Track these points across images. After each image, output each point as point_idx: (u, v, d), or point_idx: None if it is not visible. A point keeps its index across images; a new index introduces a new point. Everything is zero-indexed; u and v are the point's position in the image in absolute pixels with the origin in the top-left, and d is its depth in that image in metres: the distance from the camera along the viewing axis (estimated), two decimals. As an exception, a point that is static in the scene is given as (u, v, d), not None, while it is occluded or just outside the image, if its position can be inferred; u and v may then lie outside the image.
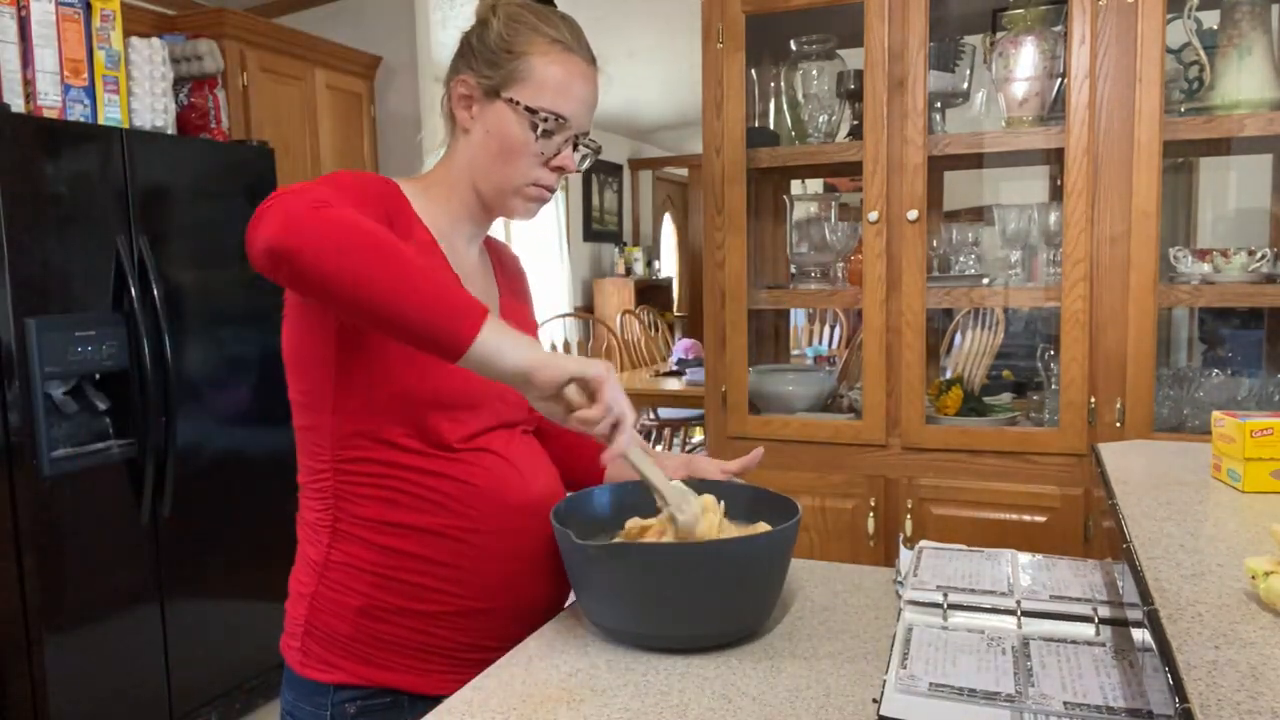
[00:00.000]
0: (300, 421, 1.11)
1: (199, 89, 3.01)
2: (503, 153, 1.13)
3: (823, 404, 2.33)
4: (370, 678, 1.08)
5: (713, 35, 2.16)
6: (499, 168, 1.13)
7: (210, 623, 2.75)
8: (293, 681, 1.12)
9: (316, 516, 1.11)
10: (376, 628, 1.08)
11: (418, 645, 1.09)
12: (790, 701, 0.90)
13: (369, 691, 1.08)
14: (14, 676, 2.30)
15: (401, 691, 1.08)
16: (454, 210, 1.17)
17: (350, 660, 1.08)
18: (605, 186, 7.98)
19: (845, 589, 1.22)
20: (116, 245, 2.46)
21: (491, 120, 1.13)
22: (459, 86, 1.15)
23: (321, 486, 1.10)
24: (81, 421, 2.41)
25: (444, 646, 1.09)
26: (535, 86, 1.11)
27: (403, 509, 1.07)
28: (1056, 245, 2.04)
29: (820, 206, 2.33)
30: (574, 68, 1.14)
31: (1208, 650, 0.68)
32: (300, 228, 0.89)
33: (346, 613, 1.08)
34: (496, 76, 1.12)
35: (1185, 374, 2.05)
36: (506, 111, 1.12)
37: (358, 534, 1.08)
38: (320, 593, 1.09)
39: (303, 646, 1.10)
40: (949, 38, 2.18)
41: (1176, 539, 0.95)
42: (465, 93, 1.14)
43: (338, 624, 1.08)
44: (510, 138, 1.12)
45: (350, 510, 1.08)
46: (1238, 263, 1.88)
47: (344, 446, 1.07)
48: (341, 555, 1.09)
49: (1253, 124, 1.83)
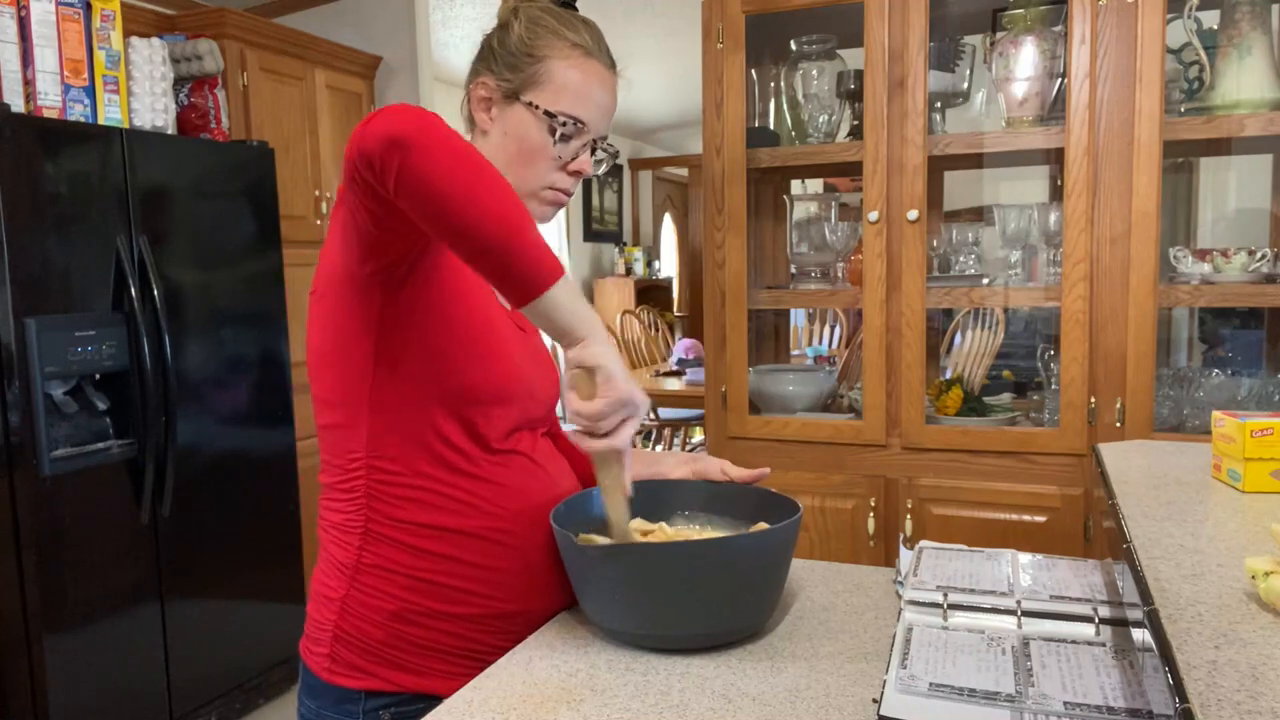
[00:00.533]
0: (328, 420, 1.08)
1: (199, 89, 3.01)
2: (520, 155, 1.13)
3: (823, 404, 2.33)
4: (404, 684, 1.07)
5: (713, 35, 2.16)
6: (516, 170, 1.13)
7: (210, 622, 2.75)
8: (316, 689, 1.09)
9: (345, 518, 1.08)
10: (411, 632, 1.06)
11: (452, 649, 1.07)
12: (790, 702, 0.90)
13: (403, 698, 1.07)
14: (14, 676, 2.30)
15: (436, 696, 1.05)
16: None
17: (383, 666, 1.06)
18: (605, 186, 7.98)
19: (845, 589, 1.22)
20: (116, 245, 2.46)
21: (510, 123, 1.13)
22: (478, 89, 1.15)
23: (352, 486, 1.07)
24: (81, 421, 2.41)
25: (479, 650, 1.08)
26: (554, 90, 1.12)
27: (436, 510, 1.06)
28: (1056, 245, 2.04)
29: (820, 206, 2.33)
30: (593, 73, 1.14)
31: (1208, 650, 0.68)
32: (425, 125, 0.88)
33: (380, 617, 1.06)
34: (516, 79, 1.12)
35: (1185, 374, 2.05)
36: (525, 114, 1.12)
37: (391, 535, 1.06)
38: (351, 596, 1.07)
39: (331, 652, 1.08)
40: (949, 38, 2.18)
41: (1176, 539, 0.95)
42: (485, 95, 1.14)
43: (370, 629, 1.06)
44: (528, 141, 1.12)
45: (383, 511, 1.06)
46: (1238, 263, 1.88)
47: (379, 444, 1.05)
48: (374, 558, 1.06)
49: (1253, 124, 1.83)
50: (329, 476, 1.10)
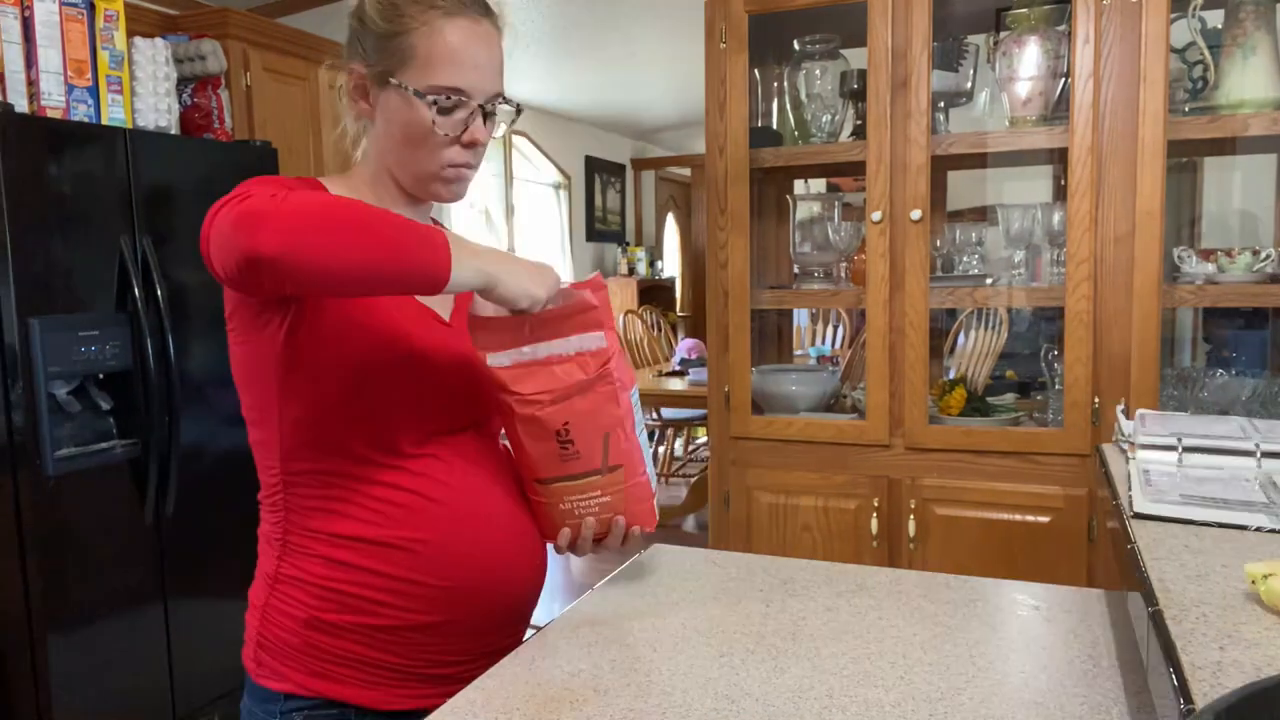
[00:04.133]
0: (252, 437, 1.10)
1: (202, 89, 3.02)
2: (407, 140, 1.06)
3: (826, 404, 2.32)
4: (317, 689, 1.06)
5: (716, 35, 2.16)
6: (408, 155, 1.08)
7: (213, 622, 2.75)
8: (249, 687, 1.12)
9: (269, 529, 1.10)
10: (323, 640, 1.05)
11: (365, 659, 1.06)
12: (793, 702, 0.90)
13: (316, 703, 1.06)
14: (17, 675, 2.30)
15: (349, 705, 1.06)
16: (382, 203, 1.11)
17: (298, 672, 1.06)
18: (608, 187, 7.98)
19: (849, 589, 1.21)
20: (120, 245, 2.46)
21: (388, 109, 1.07)
22: (351, 77, 1.09)
23: (274, 500, 1.09)
24: (85, 421, 2.41)
25: (393, 661, 1.06)
26: (421, 65, 1.04)
27: (350, 520, 1.04)
28: (1060, 245, 2.04)
29: (823, 206, 2.33)
30: (460, 31, 1.04)
31: (1212, 651, 0.68)
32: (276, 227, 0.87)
33: (294, 625, 1.06)
34: (382, 61, 1.05)
35: (1189, 374, 2.05)
36: (398, 98, 1.05)
37: (306, 546, 1.06)
38: (270, 604, 1.08)
39: (255, 656, 1.10)
40: (952, 37, 2.18)
41: (1180, 539, 0.95)
42: (358, 82, 1.09)
43: (286, 636, 1.07)
44: (410, 125, 1.05)
45: (299, 523, 1.07)
46: (1242, 263, 1.87)
47: (291, 459, 1.06)
48: (290, 568, 1.07)
49: (1257, 123, 1.83)
50: (261, 491, 1.12)
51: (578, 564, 4.22)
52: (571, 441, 1.04)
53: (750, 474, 2.21)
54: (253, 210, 0.88)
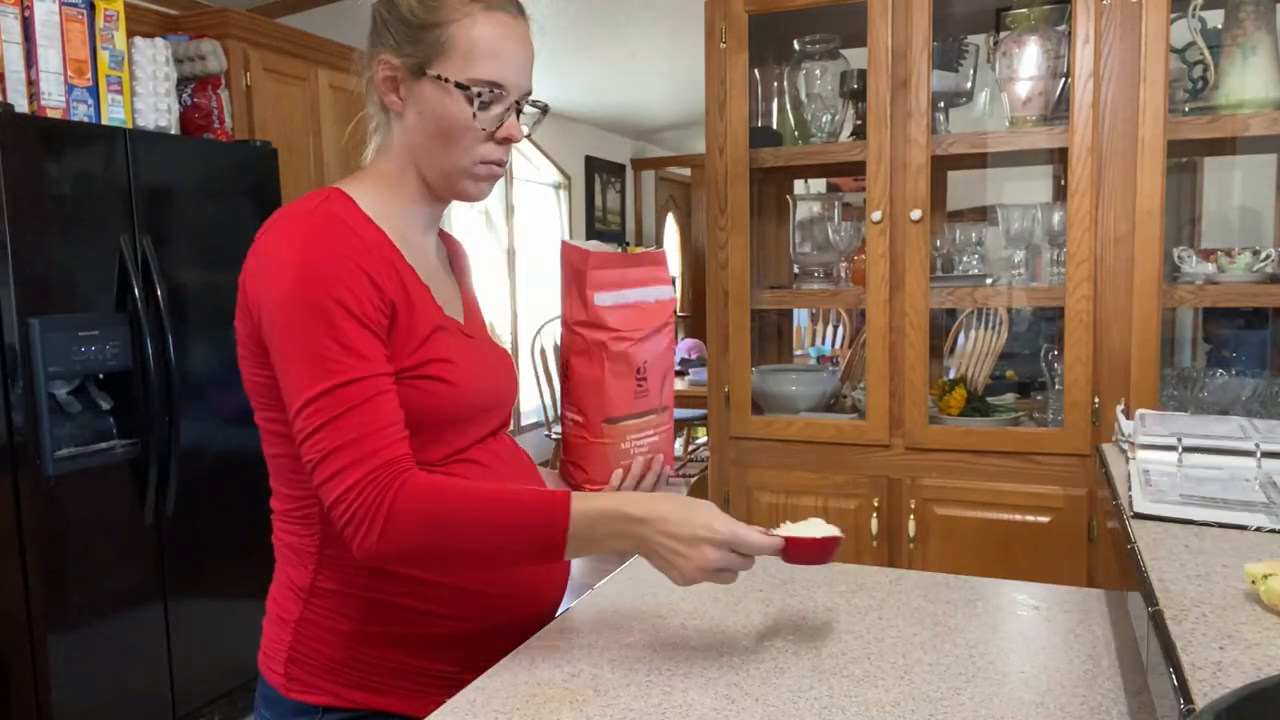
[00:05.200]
0: (275, 450, 1.04)
1: (202, 89, 3.02)
2: (442, 134, 1.03)
3: (826, 404, 2.32)
4: (362, 701, 1.04)
5: (716, 35, 2.15)
6: (441, 151, 1.04)
7: (213, 622, 2.75)
8: (273, 701, 1.07)
9: (300, 541, 1.05)
10: (369, 652, 1.04)
11: (412, 668, 1.05)
12: (793, 702, 0.90)
13: (361, 714, 1.05)
14: (17, 676, 2.30)
15: (392, 714, 1.05)
16: (404, 203, 1.08)
17: (340, 685, 1.04)
18: (608, 186, 7.98)
19: (849, 589, 1.21)
20: (120, 245, 2.46)
21: (423, 102, 1.03)
22: (381, 68, 1.04)
23: (307, 514, 1.04)
24: (85, 421, 2.41)
25: (438, 668, 1.05)
26: (462, 57, 1.01)
27: None
28: (1060, 245, 2.04)
29: (823, 206, 2.33)
30: (501, 27, 1.03)
31: (1212, 651, 0.67)
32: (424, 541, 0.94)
33: (334, 638, 1.04)
34: (419, 53, 1.02)
35: (1189, 374, 2.05)
36: (437, 90, 1.02)
37: (346, 560, 1.02)
38: (306, 618, 1.05)
39: (286, 671, 1.06)
40: (952, 37, 2.18)
41: (1180, 539, 0.95)
42: (389, 74, 1.04)
43: (326, 649, 1.04)
44: (447, 118, 1.02)
45: (336, 535, 1.01)
46: (1242, 263, 1.87)
47: None
48: (328, 581, 1.04)
49: (1257, 123, 1.83)
50: (280, 504, 1.07)
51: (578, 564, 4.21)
52: (645, 379, 1.14)
53: (750, 474, 2.21)
54: (368, 519, 0.93)
